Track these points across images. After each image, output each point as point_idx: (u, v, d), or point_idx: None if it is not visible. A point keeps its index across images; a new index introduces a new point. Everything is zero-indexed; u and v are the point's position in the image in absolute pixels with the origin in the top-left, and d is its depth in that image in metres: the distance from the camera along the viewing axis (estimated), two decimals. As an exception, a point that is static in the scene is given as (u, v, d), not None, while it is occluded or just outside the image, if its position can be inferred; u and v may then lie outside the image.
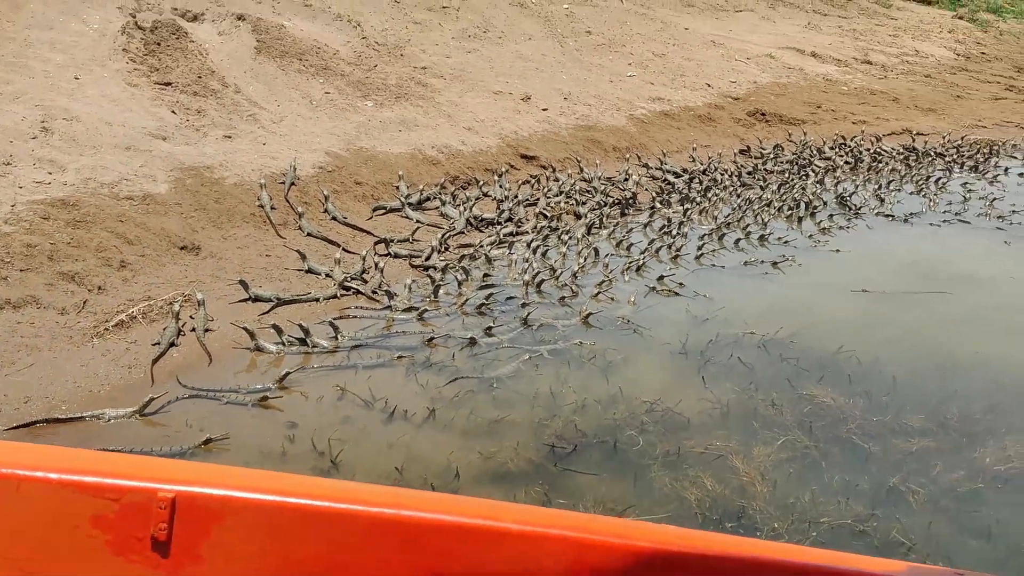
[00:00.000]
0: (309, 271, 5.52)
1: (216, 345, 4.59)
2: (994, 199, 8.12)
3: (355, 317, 5.12)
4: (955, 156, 9.74)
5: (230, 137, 6.71)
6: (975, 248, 6.81)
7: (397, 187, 6.79)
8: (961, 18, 22.05)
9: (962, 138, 10.48)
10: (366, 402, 4.14)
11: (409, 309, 5.15)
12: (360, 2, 10.21)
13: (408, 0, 10.60)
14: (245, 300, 5.06)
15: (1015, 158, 9.88)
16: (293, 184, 6.36)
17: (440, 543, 1.36)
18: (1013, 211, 7.74)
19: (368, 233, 6.22)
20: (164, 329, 4.57)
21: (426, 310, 5.15)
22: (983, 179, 8.93)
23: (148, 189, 5.73)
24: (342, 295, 5.32)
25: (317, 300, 5.22)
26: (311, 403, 4.13)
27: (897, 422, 4.06)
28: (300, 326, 4.69)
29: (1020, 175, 9.07)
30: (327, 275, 5.46)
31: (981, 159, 9.68)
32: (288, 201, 6.21)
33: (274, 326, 4.67)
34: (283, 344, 4.66)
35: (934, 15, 21.73)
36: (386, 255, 5.92)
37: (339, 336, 4.72)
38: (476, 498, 1.57)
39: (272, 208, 6.03)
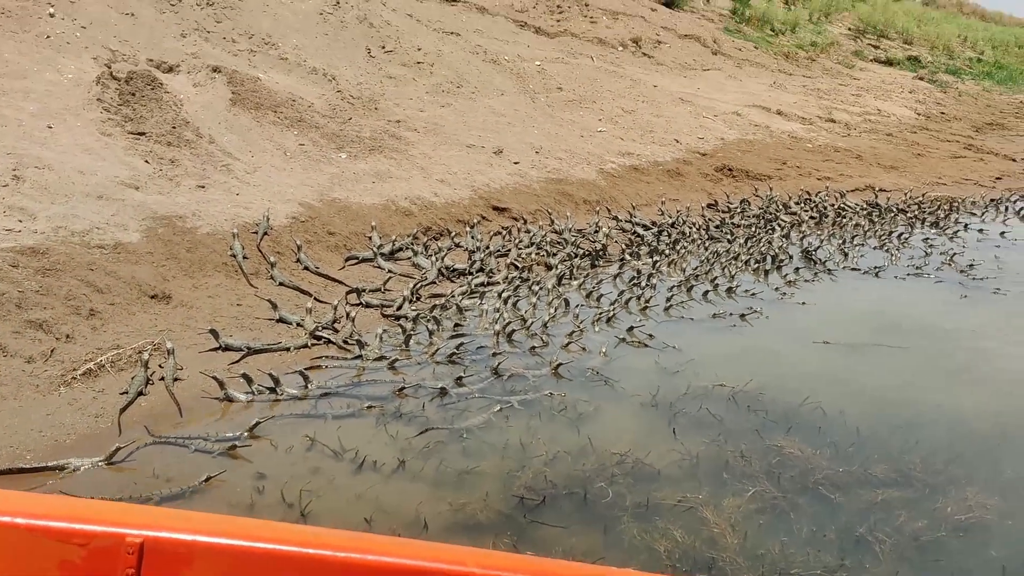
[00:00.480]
0: (280, 320, 5.51)
1: (185, 394, 4.56)
2: (954, 254, 8.31)
3: (326, 367, 5.11)
4: (916, 212, 9.98)
5: (203, 187, 6.73)
6: (936, 302, 6.96)
7: (370, 237, 6.84)
8: (921, 79, 22.77)
9: (923, 195, 10.76)
10: (336, 452, 4.12)
11: (380, 359, 5.16)
12: (335, 56, 10.36)
13: (383, 55, 10.77)
14: (215, 349, 5.04)
15: (974, 215, 10.14)
16: (266, 234, 6.37)
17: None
18: (971, 266, 7.92)
19: (340, 283, 6.24)
20: (132, 378, 4.53)
21: (397, 359, 5.15)
22: (944, 235, 9.15)
23: (119, 238, 5.71)
24: (313, 345, 5.31)
25: (288, 349, 5.21)
26: (280, 453, 4.10)
27: (863, 472, 4.11)
28: (270, 375, 4.67)
29: (979, 231, 9.30)
30: (298, 324, 5.46)
31: (942, 215, 9.93)
32: (260, 251, 6.22)
33: (244, 375, 4.65)
34: (253, 393, 4.64)
35: (895, 75, 22.43)
36: (358, 305, 5.94)
37: (309, 385, 4.72)
38: (442, 544, 1.58)
39: (244, 258, 6.03)
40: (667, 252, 7.81)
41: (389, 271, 6.50)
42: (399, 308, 5.91)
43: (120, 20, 8.82)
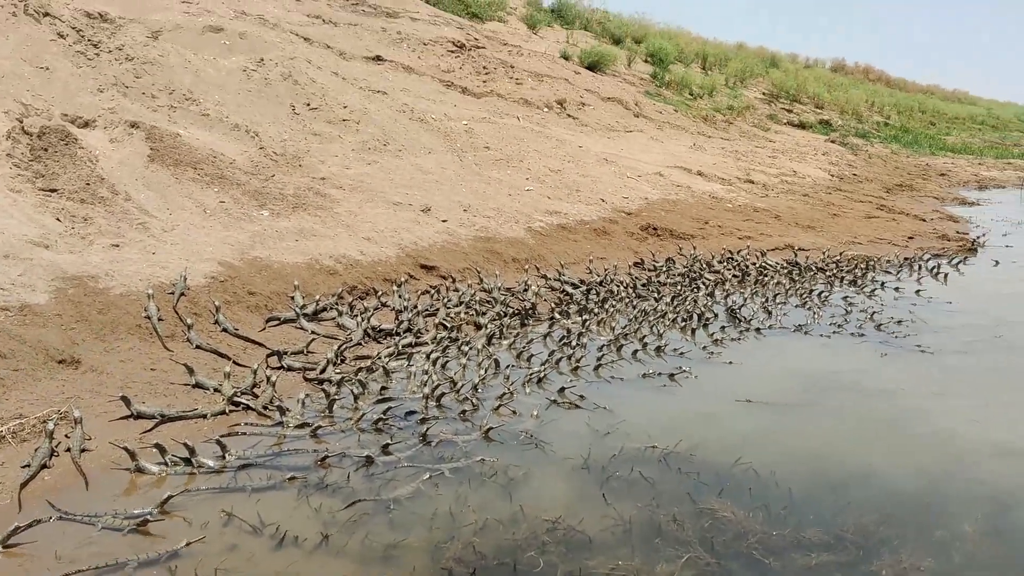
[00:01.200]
0: (197, 385, 5.28)
1: (93, 466, 4.30)
2: (873, 312, 8.50)
3: (245, 434, 4.90)
4: (835, 271, 10.22)
5: (118, 246, 6.48)
6: (860, 360, 7.07)
7: (292, 297, 6.66)
8: (833, 142, 23.72)
9: (840, 254, 11.05)
10: (254, 528, 3.91)
11: (302, 425, 4.97)
12: (259, 113, 10.23)
13: (308, 112, 10.68)
14: (127, 417, 4.80)
15: (889, 273, 10.44)
16: (183, 295, 6.15)
17: None
18: (898, 322, 8.11)
19: (260, 345, 6.03)
20: (36, 449, 4.26)
21: (320, 426, 4.97)
22: (862, 293, 9.38)
23: (26, 299, 5.43)
24: (231, 411, 5.10)
25: (204, 416, 4.98)
26: (195, 529, 3.87)
27: (796, 535, 4.07)
28: (185, 445, 4.44)
29: (895, 289, 9.56)
30: (216, 390, 5.24)
31: (859, 274, 10.19)
32: (177, 312, 5.99)
33: (157, 445, 4.41)
34: (166, 464, 4.40)
35: (809, 138, 23.31)
36: (279, 368, 5.74)
37: (227, 455, 4.50)
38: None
39: (159, 319, 5.80)
40: (596, 311, 7.81)
41: (312, 332, 6.32)
42: (323, 371, 5.73)
43: (34, 74, 8.56)
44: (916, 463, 5.04)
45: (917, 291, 9.49)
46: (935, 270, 10.67)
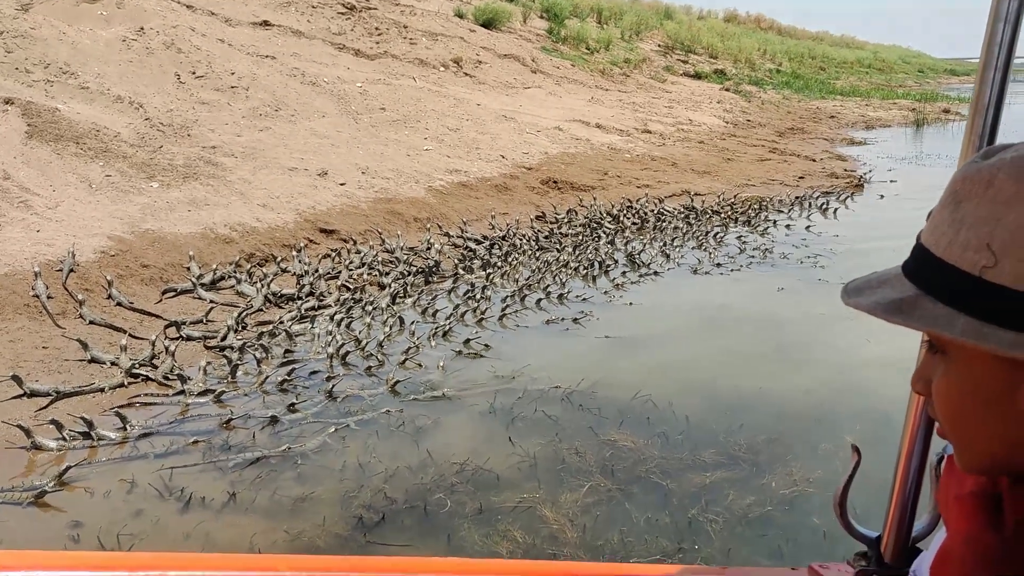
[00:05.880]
0: (93, 360, 5.16)
1: (-15, 447, 4.18)
2: (766, 249, 8.84)
3: (146, 405, 4.83)
4: (729, 213, 10.55)
5: (-2, 225, 6.24)
6: (752, 293, 7.36)
7: (188, 268, 6.53)
8: (728, 90, 24.24)
9: (735, 196, 11.39)
10: (159, 492, 3.88)
11: (205, 392, 4.92)
12: (142, 84, 9.89)
13: (194, 81, 10.37)
14: (20, 396, 4.66)
15: (781, 212, 10.83)
16: (72, 271, 5.97)
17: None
18: (782, 257, 8.45)
19: (158, 317, 5.92)
20: (-80, 435, 4.11)
21: (223, 392, 4.93)
22: (755, 232, 9.72)
23: (-101, 284, 5.20)
24: (130, 383, 5.00)
25: (102, 390, 4.88)
26: (97, 499, 3.82)
27: (692, 458, 4.26)
28: (83, 419, 4.36)
29: (786, 227, 9.94)
30: (112, 363, 5.13)
31: (752, 214, 10.54)
32: (67, 289, 5.81)
33: (53, 421, 4.31)
34: (64, 440, 4.31)
35: (704, 88, 23.76)
36: (178, 338, 5.64)
37: (127, 426, 4.43)
38: (249, 554, 1.50)
39: (49, 297, 5.63)
40: (499, 264, 7.90)
41: (211, 301, 6.23)
42: (224, 339, 5.67)
43: None
44: (804, 384, 5.31)
45: (807, 227, 9.89)
46: (824, 206, 11.11)
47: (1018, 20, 1.12)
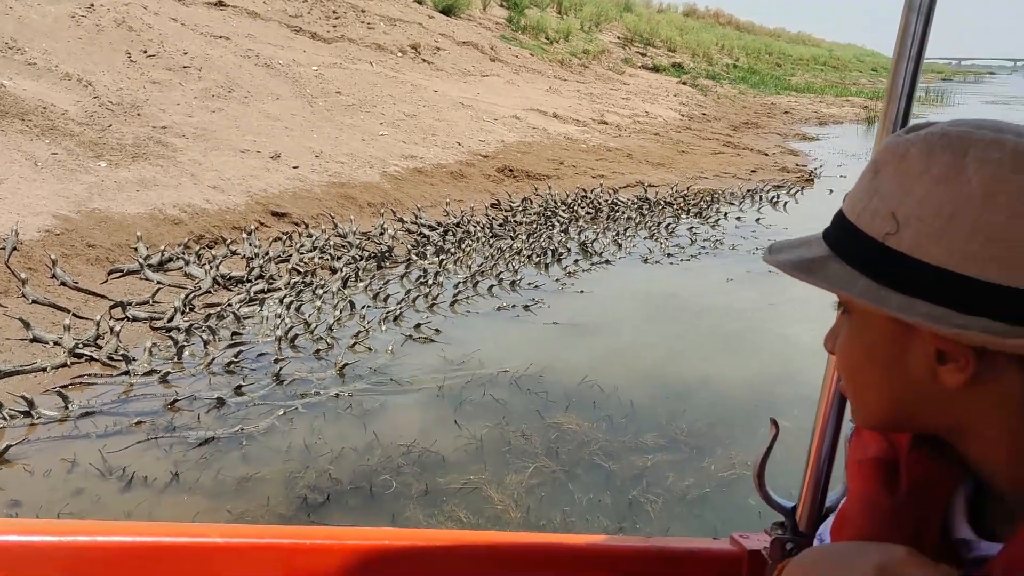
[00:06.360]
0: (35, 340, 5.08)
1: (-80, 427, 4.10)
2: (717, 240, 8.97)
3: (89, 385, 4.77)
4: (682, 204, 10.67)
5: (-63, 201, 6.10)
6: (701, 283, 7.47)
7: (136, 248, 6.44)
8: (685, 83, 24.46)
9: (687, 188, 11.52)
10: (101, 472, 3.85)
11: (150, 373, 4.88)
12: (92, 61, 9.71)
13: (145, 60, 10.20)
14: (-43, 376, 4.57)
15: (732, 204, 10.98)
16: (15, 249, 5.86)
17: (147, 567, 1.30)
18: (731, 249, 8.59)
19: (103, 297, 5.84)
20: None
21: (169, 372, 4.89)
22: (706, 223, 9.85)
23: None
24: (73, 363, 4.93)
25: (44, 370, 4.80)
26: (37, 477, 3.77)
27: (635, 441, 4.33)
28: (23, 397, 4.30)
29: (737, 219, 10.08)
30: (55, 343, 5.05)
31: (704, 206, 10.68)
32: (9, 268, 5.70)
33: (-9, 400, 4.25)
34: (4, 419, 4.24)
35: (661, 81, 23.94)
36: (123, 319, 5.57)
37: (69, 405, 4.37)
38: (183, 523, 1.51)
39: (-11, 275, 5.52)
40: (453, 251, 7.91)
41: (158, 283, 6.15)
42: (170, 320, 5.61)
43: None
44: (747, 372, 5.42)
45: (757, 219, 10.04)
46: (775, 200, 11.29)
47: (930, 12, 1.17)
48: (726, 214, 10.31)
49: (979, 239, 0.72)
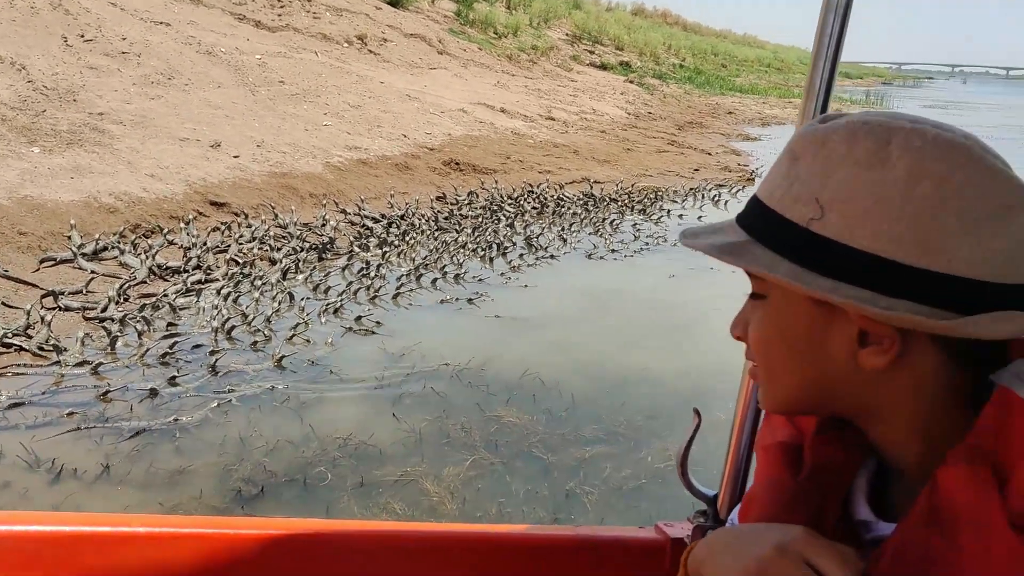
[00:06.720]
0: (-41, 329, 4.93)
1: None
2: (660, 237, 9.07)
3: (19, 375, 4.64)
4: (626, 201, 10.76)
5: None
6: (645, 279, 7.55)
7: (69, 237, 6.28)
8: (632, 82, 24.65)
9: (632, 185, 11.62)
10: (29, 464, 3.75)
11: (82, 363, 4.76)
12: (26, 45, 9.43)
13: (82, 44, 9.94)
14: None
15: (675, 202, 11.11)
16: (-60, 235, 5.67)
17: (64, 553, 1.27)
18: (675, 246, 8.69)
19: (34, 286, 5.68)
20: None
21: (101, 363, 4.78)
22: (650, 220, 9.95)
23: None
24: (2, 353, 4.80)
25: (-31, 360, 4.66)
26: (-42, 471, 3.66)
27: (574, 433, 4.36)
28: (-55, 389, 4.17)
29: (679, 216, 10.21)
30: (-18, 332, 4.91)
31: (648, 203, 10.78)
32: (-67, 254, 5.52)
33: (-89, 391, 4.11)
34: (-76, 411, 4.11)
35: (609, 79, 24.09)
36: (55, 308, 5.43)
37: (-5, 396, 4.25)
38: (106, 513, 1.48)
39: (-88, 262, 5.33)
40: (397, 243, 7.86)
41: (92, 272, 6.01)
42: (104, 310, 5.48)
43: None
44: (686, 366, 5.49)
45: (699, 217, 10.18)
46: (716, 198, 11.45)
47: (846, 12, 1.20)
48: (669, 212, 10.43)
49: (904, 223, 0.73)
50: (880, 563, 0.77)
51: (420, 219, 8.73)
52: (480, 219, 9.17)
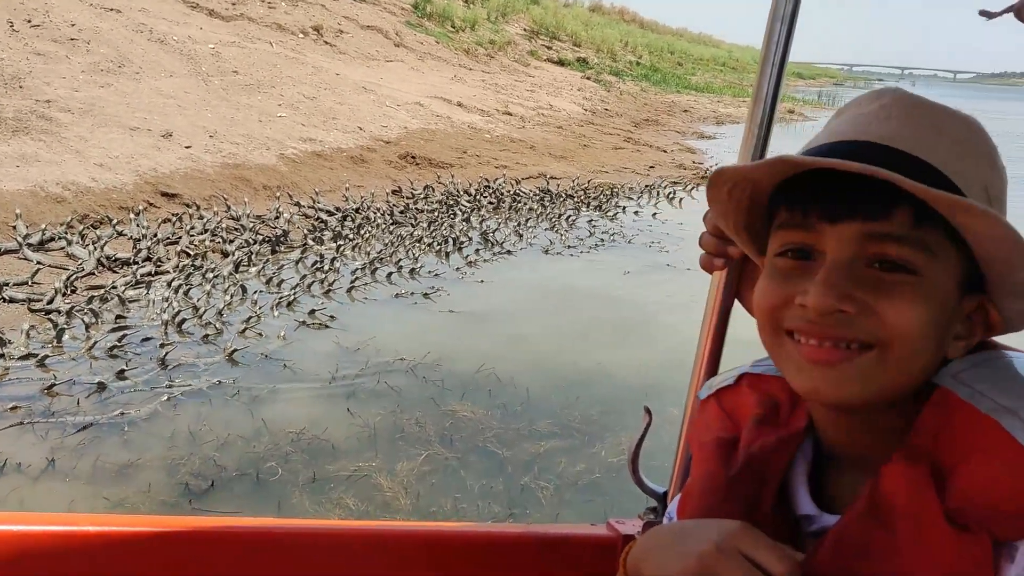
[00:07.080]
0: None
1: None
2: (615, 233, 9.12)
3: (-42, 369, 4.52)
4: (582, 197, 10.81)
5: None
6: (599, 275, 7.59)
7: (14, 227, 6.13)
8: (588, 78, 24.72)
9: (588, 182, 11.67)
10: (-31, 460, 3.66)
11: (27, 356, 4.65)
12: (-31, 28, 9.17)
13: (29, 30, 9.70)
14: None
15: (631, 199, 11.18)
16: None
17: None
18: (630, 242, 8.75)
19: (-24, 277, 5.54)
20: None
21: (47, 356, 4.67)
22: (605, 216, 10.00)
23: None
24: (-59, 346, 4.67)
25: (-93, 352, 4.53)
26: None
27: (529, 428, 4.37)
28: None
29: (635, 213, 10.28)
30: (-79, 324, 4.77)
31: (604, 200, 10.84)
32: None
33: None
34: None
35: (566, 75, 24.14)
36: (-1, 300, 5.31)
37: (-66, 390, 4.14)
38: (54, 513, 1.45)
39: None
40: (351, 237, 7.81)
41: (38, 263, 5.87)
42: (50, 302, 5.36)
43: None
44: (640, 361, 5.52)
45: (654, 214, 10.26)
46: (671, 195, 11.56)
47: (793, 19, 1.22)
48: (624, 208, 10.50)
49: None
50: (820, 551, 0.79)
51: (375, 213, 8.68)
52: (436, 213, 9.14)
